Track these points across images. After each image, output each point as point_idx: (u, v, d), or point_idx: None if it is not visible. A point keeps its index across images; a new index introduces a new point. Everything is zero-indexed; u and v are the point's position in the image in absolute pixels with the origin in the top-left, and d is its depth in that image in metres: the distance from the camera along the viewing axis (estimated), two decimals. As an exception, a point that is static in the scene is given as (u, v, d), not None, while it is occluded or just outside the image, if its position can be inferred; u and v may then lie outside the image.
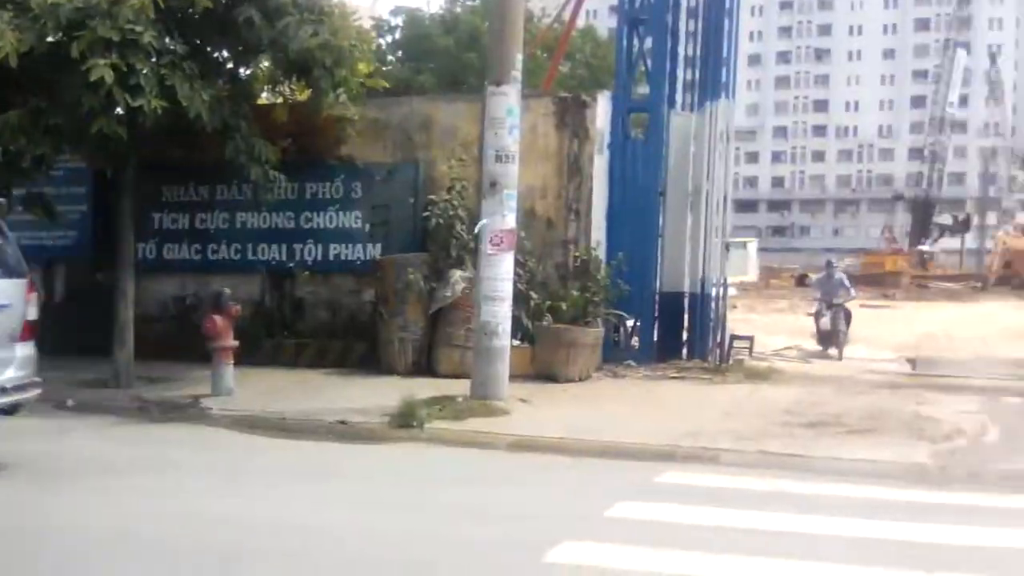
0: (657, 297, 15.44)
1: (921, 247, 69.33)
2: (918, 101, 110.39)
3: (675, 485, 8.52)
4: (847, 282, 19.85)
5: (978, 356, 18.67)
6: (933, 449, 9.80)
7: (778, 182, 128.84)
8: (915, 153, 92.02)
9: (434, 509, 7.59)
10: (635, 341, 15.32)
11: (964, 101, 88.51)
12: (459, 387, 11.88)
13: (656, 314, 15.47)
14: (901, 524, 7.20)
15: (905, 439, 10.22)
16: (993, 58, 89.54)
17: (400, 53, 46.55)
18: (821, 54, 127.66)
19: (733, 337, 16.16)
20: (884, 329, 22.92)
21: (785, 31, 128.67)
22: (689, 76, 16.10)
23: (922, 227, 73.86)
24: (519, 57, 12.00)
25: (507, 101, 11.79)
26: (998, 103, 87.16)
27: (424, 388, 11.89)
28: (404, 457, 9.83)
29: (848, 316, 18.77)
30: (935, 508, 7.82)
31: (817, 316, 19.03)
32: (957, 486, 8.61)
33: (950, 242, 75.92)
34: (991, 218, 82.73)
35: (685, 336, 15.64)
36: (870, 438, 10.25)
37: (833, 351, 18.13)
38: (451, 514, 7.43)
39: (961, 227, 75.79)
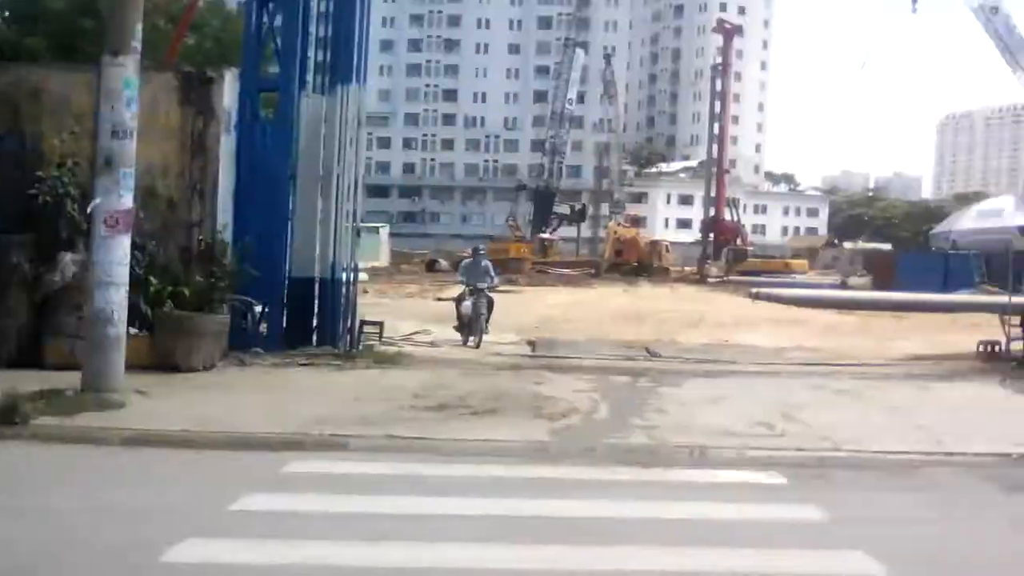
0: (287, 282, 15.12)
1: (542, 235, 73.30)
2: (540, 96, 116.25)
3: (303, 474, 8.37)
4: (492, 269, 19.87)
5: (591, 338, 19.89)
6: (551, 427, 10.29)
7: (409, 168, 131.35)
8: (537, 145, 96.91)
9: (40, 512, 6.93)
10: (263, 328, 14.93)
11: (581, 98, 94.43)
12: (69, 379, 10.97)
13: (285, 300, 15.15)
14: (522, 501, 7.50)
15: (526, 418, 10.65)
16: (608, 59, 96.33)
17: (7, 14, 42.55)
18: (451, 45, 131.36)
19: (363, 322, 16.15)
20: (508, 313, 23.88)
21: (417, 19, 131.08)
22: (321, 58, 15.83)
23: (543, 216, 78.21)
24: (139, 26, 11.26)
25: (125, 73, 11.03)
26: (612, 102, 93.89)
27: (29, 381, 10.86)
28: (5, 457, 8.92)
29: (490, 303, 18.71)
30: (553, 483, 8.20)
31: (459, 301, 18.65)
32: (573, 461, 9.09)
33: (568, 231, 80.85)
34: (604, 209, 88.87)
35: (315, 322, 15.41)
36: (493, 418, 10.61)
37: (473, 339, 17.98)
38: (60, 516, 6.81)
39: (578, 217, 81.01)
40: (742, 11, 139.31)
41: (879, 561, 6.19)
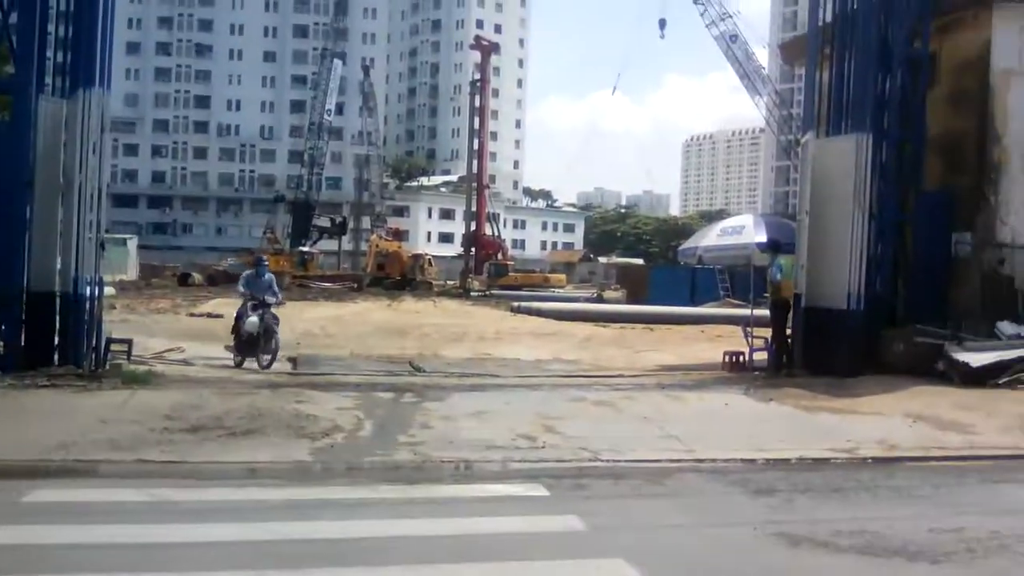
0: (24, 297, 14.11)
1: (302, 248, 72.08)
2: (298, 105, 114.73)
3: (45, 503, 7.84)
4: (276, 284, 18.31)
5: (354, 354, 19.65)
6: (313, 446, 10.05)
7: (159, 177, 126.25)
8: (295, 156, 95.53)
9: None
10: (-1, 347, 13.89)
11: (340, 109, 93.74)
12: None
13: (23, 316, 14.13)
14: (284, 524, 7.25)
15: (286, 438, 10.36)
16: (367, 71, 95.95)
17: None
18: (203, 49, 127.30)
19: (110, 340, 15.26)
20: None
21: (165, 22, 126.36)
22: (62, 59, 14.90)
23: (302, 229, 76.89)
24: None
25: None
26: (371, 114, 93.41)
27: None
28: None
29: (277, 321, 17.27)
30: (317, 504, 7.99)
31: (240, 318, 17.13)
32: (337, 481, 8.92)
33: (329, 244, 79.88)
34: (365, 222, 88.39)
35: (57, 340, 14.44)
36: (252, 439, 10.24)
37: (265, 358, 16.67)
38: None
39: (338, 230, 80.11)
40: (498, 29, 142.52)
41: (637, 568, 6.36)
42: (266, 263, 18.99)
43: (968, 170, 18.66)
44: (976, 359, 15.92)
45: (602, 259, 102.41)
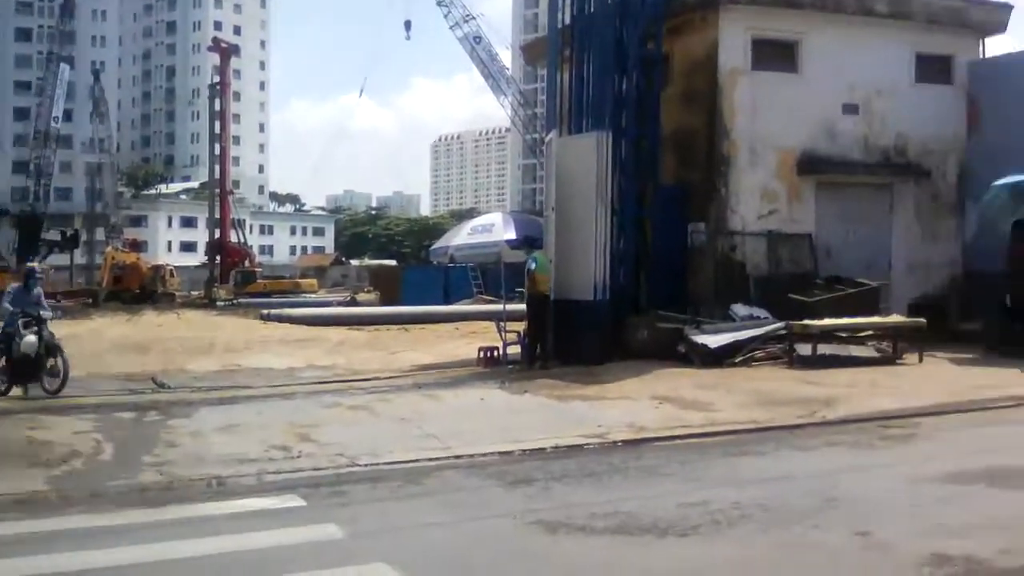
0: None
1: (30, 264, 67.63)
2: (22, 113, 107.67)
3: None
4: (44, 299, 16.21)
5: (91, 373, 18.53)
6: (49, 474, 9.41)
7: None
8: (20, 167, 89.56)
9: None
10: None
11: (68, 116, 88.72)
12: None
13: None
14: (20, 559, 6.73)
15: (18, 468, 9.65)
16: (97, 75, 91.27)
17: None
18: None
19: None
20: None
21: None
22: None
23: (30, 243, 72.14)
24: None
25: None
26: (103, 120, 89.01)
27: None
28: None
29: (55, 337, 15.44)
30: (55, 536, 7.44)
31: (10, 337, 14.99)
32: (77, 509, 8.33)
33: (60, 258, 75.32)
34: (100, 234, 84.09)
35: None
36: (-20, 470, 9.46)
37: (52, 381, 14.87)
38: None
39: (70, 243, 75.59)
40: (238, 31, 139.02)
41: (398, 570, 6.31)
42: (40, 276, 16.70)
43: (700, 164, 19.72)
44: (714, 341, 16.85)
45: (354, 261, 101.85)
